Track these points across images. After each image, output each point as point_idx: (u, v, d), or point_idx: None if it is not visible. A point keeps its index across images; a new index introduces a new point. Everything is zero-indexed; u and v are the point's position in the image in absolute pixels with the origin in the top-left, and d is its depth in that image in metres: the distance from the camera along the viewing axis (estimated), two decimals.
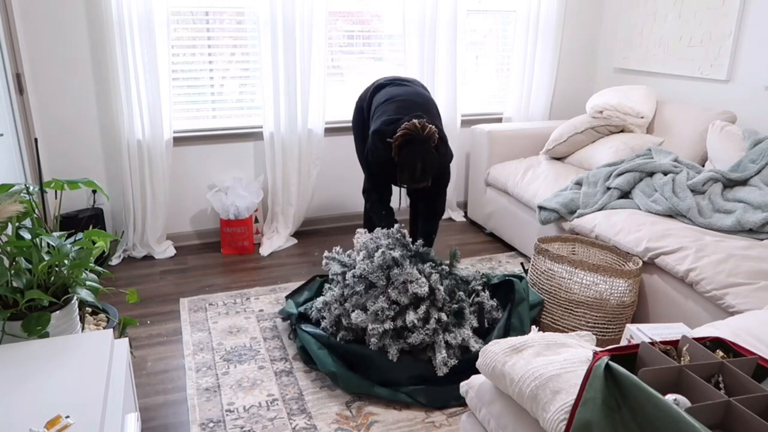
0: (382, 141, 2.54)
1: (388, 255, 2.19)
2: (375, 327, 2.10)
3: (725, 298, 2.03)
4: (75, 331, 1.64)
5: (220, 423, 1.97)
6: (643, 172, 2.81)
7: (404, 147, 2.43)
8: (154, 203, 3.26)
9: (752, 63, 3.05)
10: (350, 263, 2.40)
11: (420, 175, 2.43)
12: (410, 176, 2.44)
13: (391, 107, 2.62)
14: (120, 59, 2.97)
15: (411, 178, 2.45)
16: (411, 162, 2.41)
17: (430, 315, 2.13)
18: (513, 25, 3.91)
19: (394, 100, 2.65)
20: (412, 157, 2.41)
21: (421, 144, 2.41)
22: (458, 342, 2.12)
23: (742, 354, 1.19)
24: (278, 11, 3.20)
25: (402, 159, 2.44)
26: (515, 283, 2.36)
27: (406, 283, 2.15)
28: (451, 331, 2.14)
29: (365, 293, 2.21)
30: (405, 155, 2.43)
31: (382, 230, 2.44)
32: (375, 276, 2.18)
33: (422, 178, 2.45)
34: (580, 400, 1.11)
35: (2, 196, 1.56)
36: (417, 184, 2.49)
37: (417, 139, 2.42)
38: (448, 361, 2.07)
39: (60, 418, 1.16)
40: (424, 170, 2.43)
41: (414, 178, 2.44)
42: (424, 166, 2.42)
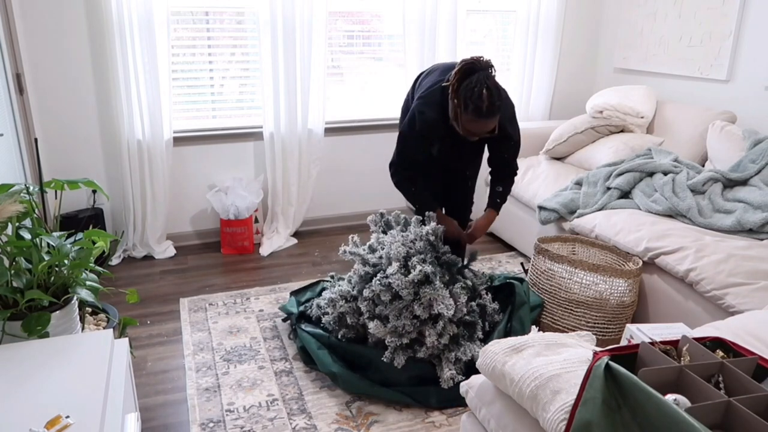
0: (429, 104, 2.20)
1: (423, 271, 2.07)
2: (393, 340, 2.07)
3: (725, 298, 2.03)
4: (75, 331, 1.64)
5: (220, 423, 1.97)
6: (643, 172, 2.81)
7: (464, 80, 2.07)
8: (154, 203, 3.26)
9: (752, 63, 3.05)
10: (375, 263, 2.24)
11: (488, 106, 2.02)
12: (476, 111, 2.02)
13: (435, 74, 2.31)
14: (120, 59, 2.97)
15: (477, 113, 2.03)
16: (476, 91, 2.02)
17: (445, 331, 2.09)
18: (513, 25, 3.91)
19: (435, 70, 2.35)
20: (476, 86, 2.02)
21: (483, 70, 2.06)
22: (467, 358, 2.08)
23: (742, 354, 1.19)
24: (278, 11, 3.20)
25: (464, 92, 2.05)
26: (516, 286, 2.36)
27: (432, 301, 2.06)
28: (461, 345, 2.11)
29: (389, 304, 2.11)
30: (467, 86, 2.04)
31: (416, 229, 2.25)
32: (406, 291, 2.05)
33: (490, 111, 2.03)
34: (580, 400, 1.11)
35: (2, 196, 1.56)
36: (485, 122, 2.06)
37: (477, 66, 2.06)
38: (455, 377, 2.05)
39: (60, 418, 1.16)
40: (491, 99, 2.02)
41: (481, 111, 2.02)
42: (491, 93, 2.02)
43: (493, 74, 2.08)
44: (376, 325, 2.08)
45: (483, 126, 2.08)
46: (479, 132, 2.11)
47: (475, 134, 2.12)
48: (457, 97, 2.07)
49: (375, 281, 2.12)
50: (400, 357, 2.06)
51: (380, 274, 2.14)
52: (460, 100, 2.06)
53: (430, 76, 2.33)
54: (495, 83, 2.06)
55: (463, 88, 2.06)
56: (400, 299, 2.09)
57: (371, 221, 2.41)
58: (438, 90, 2.20)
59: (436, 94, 2.20)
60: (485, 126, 2.08)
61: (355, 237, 2.38)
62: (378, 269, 2.21)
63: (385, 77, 3.74)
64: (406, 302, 2.08)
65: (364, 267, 2.24)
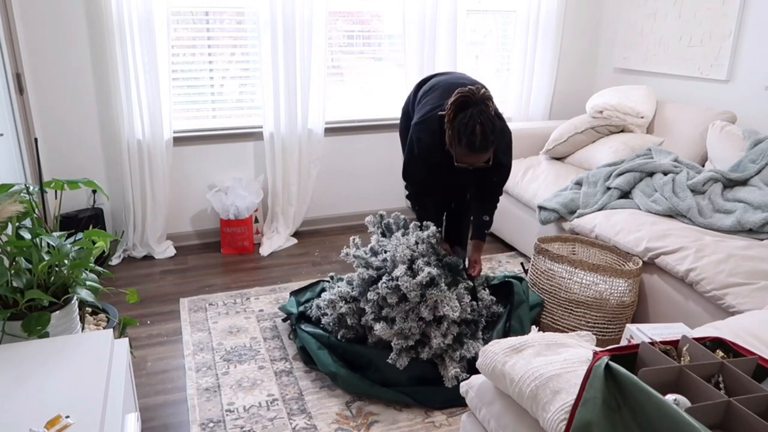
0: (426, 130, 2.24)
1: (430, 274, 2.08)
2: (400, 342, 2.07)
3: (725, 298, 2.03)
4: (75, 331, 1.64)
5: (220, 423, 1.97)
6: (643, 172, 2.81)
7: (458, 113, 2.08)
8: (154, 203, 3.26)
9: (752, 63, 3.05)
10: (379, 266, 2.25)
11: (481, 141, 2.03)
12: (469, 144, 2.04)
13: (434, 95, 2.32)
14: (120, 59, 2.97)
15: (470, 147, 2.05)
16: (469, 126, 2.03)
17: (449, 331, 2.09)
18: (513, 25, 3.91)
19: (436, 88, 2.34)
20: (469, 121, 2.03)
21: (477, 105, 2.06)
22: (471, 355, 2.09)
23: (742, 354, 1.19)
24: (278, 11, 3.20)
25: (458, 126, 2.06)
26: (514, 285, 2.36)
27: (438, 303, 2.07)
28: (464, 343, 2.13)
29: (396, 306, 2.11)
30: (460, 121, 2.06)
31: (417, 232, 2.27)
32: (413, 293, 2.05)
33: (483, 146, 2.05)
34: (580, 400, 1.11)
35: (2, 196, 1.56)
36: (478, 157, 2.09)
37: (472, 100, 2.07)
38: (459, 375, 2.05)
39: (60, 418, 1.16)
40: (485, 134, 2.03)
41: (474, 146, 2.04)
42: (484, 129, 2.03)
43: (491, 107, 2.10)
44: (382, 327, 2.07)
45: (476, 159, 2.11)
46: (473, 163, 2.15)
47: (469, 164, 2.16)
48: (452, 129, 2.10)
49: (381, 284, 2.12)
50: (404, 359, 2.06)
51: (385, 276, 2.14)
52: (454, 133, 2.09)
53: (431, 94, 2.34)
54: (489, 117, 2.06)
55: (457, 121, 2.07)
56: (407, 301, 2.09)
57: (369, 222, 2.41)
58: (435, 117, 2.22)
59: (434, 121, 2.22)
60: (478, 159, 2.11)
61: (356, 239, 2.39)
62: (382, 272, 2.21)
63: (385, 77, 3.74)
64: (412, 304, 2.08)
65: (367, 270, 2.24)
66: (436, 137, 2.21)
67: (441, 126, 2.19)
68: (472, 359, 2.10)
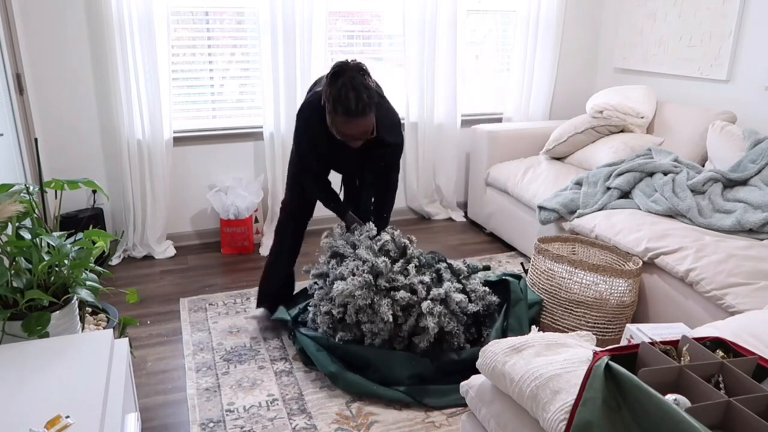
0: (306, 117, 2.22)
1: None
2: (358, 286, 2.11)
3: (725, 298, 2.03)
4: (75, 331, 1.64)
5: (220, 423, 1.97)
6: (643, 172, 2.81)
7: (334, 82, 2.05)
8: (154, 203, 3.26)
9: (752, 63, 3.05)
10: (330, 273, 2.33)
11: (355, 104, 2.01)
12: (345, 111, 2.02)
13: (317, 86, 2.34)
14: (120, 59, 2.97)
15: (347, 113, 2.03)
16: (342, 92, 2.02)
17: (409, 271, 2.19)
18: (513, 25, 3.91)
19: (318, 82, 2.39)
20: (342, 87, 2.02)
21: (350, 71, 2.05)
22: (440, 294, 2.14)
23: (742, 354, 1.19)
24: (278, 11, 3.20)
25: (333, 96, 2.05)
26: (511, 283, 2.35)
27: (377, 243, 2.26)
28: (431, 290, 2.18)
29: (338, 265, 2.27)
30: (337, 90, 2.03)
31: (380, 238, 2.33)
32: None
33: (358, 110, 2.02)
34: (580, 400, 1.11)
35: (2, 196, 1.56)
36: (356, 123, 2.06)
37: (345, 68, 2.05)
38: (433, 309, 2.09)
39: (60, 418, 1.16)
40: (359, 97, 2.02)
41: (349, 110, 2.02)
42: (357, 93, 2.02)
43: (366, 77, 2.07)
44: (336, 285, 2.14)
45: (356, 126, 2.07)
46: (355, 133, 2.10)
47: (352, 137, 2.12)
48: (328, 101, 2.07)
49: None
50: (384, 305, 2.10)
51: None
52: (330, 104, 2.06)
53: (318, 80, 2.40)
54: (363, 83, 2.04)
55: (331, 92, 2.05)
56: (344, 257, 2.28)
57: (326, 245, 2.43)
58: (316, 97, 2.20)
59: (315, 101, 2.20)
60: (358, 126, 2.07)
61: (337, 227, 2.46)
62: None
63: (385, 77, 3.73)
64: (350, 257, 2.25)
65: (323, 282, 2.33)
66: (318, 116, 2.18)
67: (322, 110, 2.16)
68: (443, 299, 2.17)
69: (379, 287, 2.12)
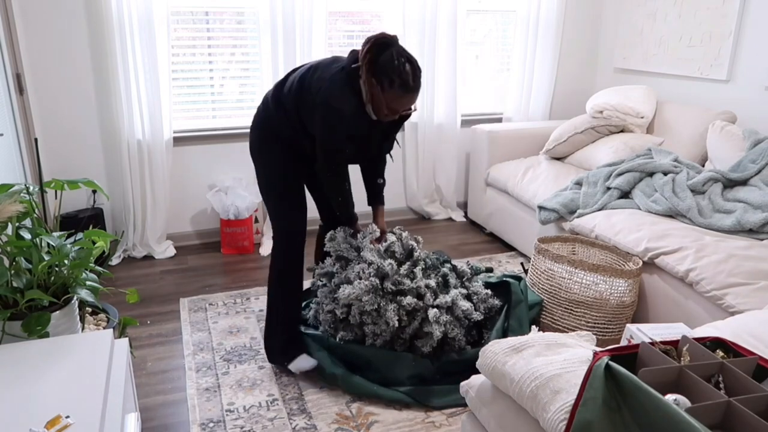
0: (342, 92, 1.93)
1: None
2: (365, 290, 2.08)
3: (725, 298, 2.03)
4: (75, 331, 1.64)
5: (220, 423, 1.97)
6: (643, 172, 2.81)
7: (379, 57, 1.88)
8: (154, 203, 3.26)
9: (752, 63, 3.05)
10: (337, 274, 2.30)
11: (413, 78, 1.89)
12: (403, 85, 1.88)
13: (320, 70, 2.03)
14: (120, 59, 2.97)
15: (404, 87, 1.88)
16: (399, 64, 1.86)
17: (416, 274, 2.16)
18: (513, 25, 3.91)
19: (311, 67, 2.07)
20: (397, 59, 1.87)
21: (396, 44, 1.91)
22: (447, 302, 2.12)
23: (742, 354, 1.19)
24: (278, 11, 3.20)
25: (384, 68, 1.87)
26: (512, 285, 2.35)
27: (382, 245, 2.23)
28: (438, 296, 2.17)
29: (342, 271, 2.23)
30: (387, 62, 1.87)
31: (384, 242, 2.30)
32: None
33: (417, 84, 1.91)
34: (580, 400, 1.11)
35: (2, 196, 1.56)
36: (412, 97, 1.93)
37: (389, 39, 1.90)
38: (439, 318, 2.07)
39: (60, 418, 1.16)
40: (415, 70, 1.90)
41: (408, 85, 1.89)
42: (413, 66, 1.89)
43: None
44: (342, 289, 2.12)
45: (409, 101, 1.94)
46: (402, 109, 1.96)
47: (397, 112, 1.96)
48: (375, 76, 1.89)
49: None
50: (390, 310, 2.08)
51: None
52: (381, 78, 1.88)
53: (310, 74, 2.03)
54: (411, 55, 1.93)
55: (380, 65, 1.87)
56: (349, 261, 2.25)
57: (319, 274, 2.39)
58: (343, 76, 1.94)
59: (344, 81, 1.94)
60: (411, 101, 1.94)
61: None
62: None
63: None
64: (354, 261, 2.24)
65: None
66: (354, 98, 1.95)
67: (351, 84, 1.95)
68: (449, 307, 2.15)
69: (385, 290, 2.12)
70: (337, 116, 1.94)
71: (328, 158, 2.06)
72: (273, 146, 2.14)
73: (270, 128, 2.14)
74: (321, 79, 1.97)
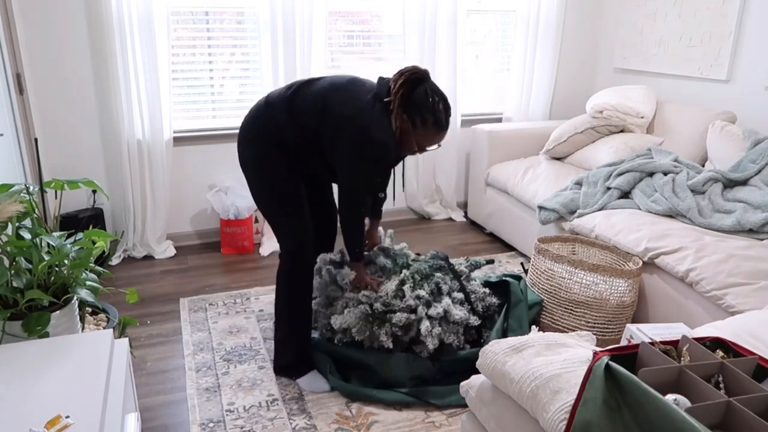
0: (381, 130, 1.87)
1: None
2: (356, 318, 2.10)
3: (725, 298, 2.03)
4: (75, 331, 1.64)
5: (220, 423, 1.97)
6: (643, 172, 2.81)
7: (412, 93, 1.86)
8: (154, 203, 3.26)
9: (752, 63, 3.05)
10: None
11: (445, 117, 1.91)
12: (437, 123, 1.88)
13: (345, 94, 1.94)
14: (120, 59, 2.97)
15: (438, 126, 1.89)
16: (431, 104, 1.86)
17: (404, 292, 2.16)
18: (513, 25, 3.91)
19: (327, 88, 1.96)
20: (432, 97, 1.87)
21: (429, 80, 1.90)
22: (439, 312, 2.11)
23: (742, 354, 1.19)
24: (278, 11, 3.20)
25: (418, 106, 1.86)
26: (511, 284, 2.35)
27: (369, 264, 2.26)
28: (431, 305, 2.15)
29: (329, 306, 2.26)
30: (420, 100, 1.85)
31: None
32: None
33: (448, 122, 1.93)
34: (580, 400, 1.11)
35: (2, 196, 1.56)
36: (443, 135, 1.94)
37: (422, 75, 1.88)
38: (431, 330, 2.07)
39: (60, 418, 1.16)
40: (447, 109, 1.91)
41: (441, 124, 1.89)
42: (445, 104, 1.91)
43: None
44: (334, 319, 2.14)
45: (440, 139, 1.94)
46: (430, 146, 1.96)
47: (424, 149, 1.97)
48: (408, 112, 1.87)
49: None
50: (383, 334, 2.09)
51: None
52: (414, 116, 1.87)
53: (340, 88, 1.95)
54: (442, 92, 1.93)
55: (414, 101, 1.86)
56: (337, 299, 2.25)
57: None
58: (377, 111, 1.88)
59: (381, 117, 1.88)
60: (441, 138, 1.95)
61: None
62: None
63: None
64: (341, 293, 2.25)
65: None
66: (390, 133, 1.89)
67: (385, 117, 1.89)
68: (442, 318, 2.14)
69: (375, 313, 2.11)
70: (380, 149, 1.88)
71: (356, 191, 1.98)
72: (275, 155, 2.01)
73: (271, 135, 1.99)
74: (353, 106, 1.89)
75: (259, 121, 2.02)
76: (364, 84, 1.96)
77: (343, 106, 1.90)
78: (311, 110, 1.94)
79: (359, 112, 1.87)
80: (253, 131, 2.03)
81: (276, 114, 1.99)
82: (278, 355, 2.21)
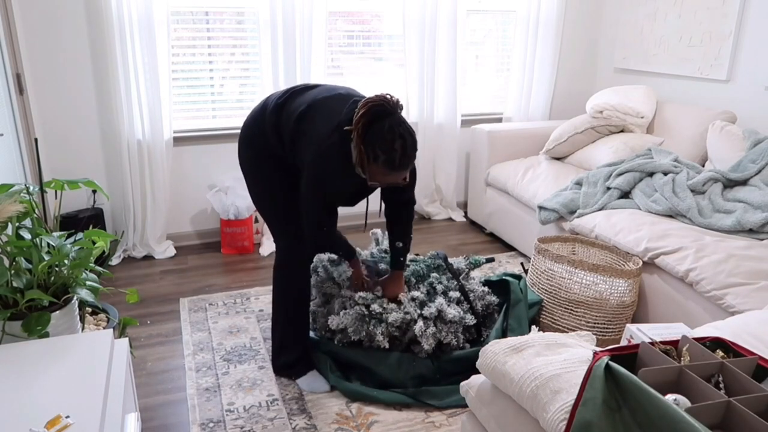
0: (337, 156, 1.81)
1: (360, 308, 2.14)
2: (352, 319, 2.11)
3: (725, 298, 2.03)
4: (75, 331, 1.64)
5: (220, 423, 1.97)
6: (643, 172, 2.81)
7: (372, 125, 1.72)
8: (154, 203, 3.26)
9: (752, 63, 3.05)
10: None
11: (401, 158, 1.73)
12: (388, 163, 1.73)
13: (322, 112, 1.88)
14: (120, 59, 2.97)
15: (390, 166, 1.73)
16: (387, 140, 1.71)
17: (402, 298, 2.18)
18: (513, 25, 3.91)
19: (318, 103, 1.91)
20: (387, 134, 1.71)
21: (393, 114, 1.74)
22: (433, 312, 2.12)
23: (742, 354, 1.19)
24: (278, 11, 3.20)
25: (372, 141, 1.72)
26: (511, 284, 2.35)
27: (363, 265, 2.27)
28: (425, 306, 2.16)
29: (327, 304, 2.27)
30: (376, 135, 1.71)
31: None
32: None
33: (403, 164, 1.75)
34: (580, 400, 1.11)
35: (2, 196, 1.56)
36: (397, 175, 1.78)
37: (387, 108, 1.73)
38: (425, 331, 2.08)
39: (60, 418, 1.16)
40: (405, 149, 1.73)
41: (393, 164, 1.73)
42: (404, 144, 1.72)
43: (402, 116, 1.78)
44: (331, 319, 2.16)
45: (394, 178, 1.79)
46: (387, 183, 1.83)
47: (384, 184, 1.85)
48: (364, 144, 1.74)
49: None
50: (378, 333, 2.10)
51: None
52: (367, 149, 1.74)
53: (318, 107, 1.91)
54: (409, 129, 1.75)
55: (371, 134, 1.72)
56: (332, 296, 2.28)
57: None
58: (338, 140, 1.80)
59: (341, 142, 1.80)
60: (396, 178, 1.79)
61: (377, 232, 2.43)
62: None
63: (385, 77, 3.73)
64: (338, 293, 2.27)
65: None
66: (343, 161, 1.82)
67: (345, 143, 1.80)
68: (436, 318, 2.14)
69: (372, 314, 2.12)
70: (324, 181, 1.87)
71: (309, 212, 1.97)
72: (266, 159, 2.04)
73: (261, 142, 2.02)
74: (317, 133, 1.85)
75: (254, 125, 2.05)
76: (346, 102, 1.87)
77: (311, 128, 1.87)
78: (289, 127, 1.93)
79: (320, 139, 1.83)
80: (249, 135, 2.06)
81: (265, 124, 2.00)
82: (277, 355, 2.22)
